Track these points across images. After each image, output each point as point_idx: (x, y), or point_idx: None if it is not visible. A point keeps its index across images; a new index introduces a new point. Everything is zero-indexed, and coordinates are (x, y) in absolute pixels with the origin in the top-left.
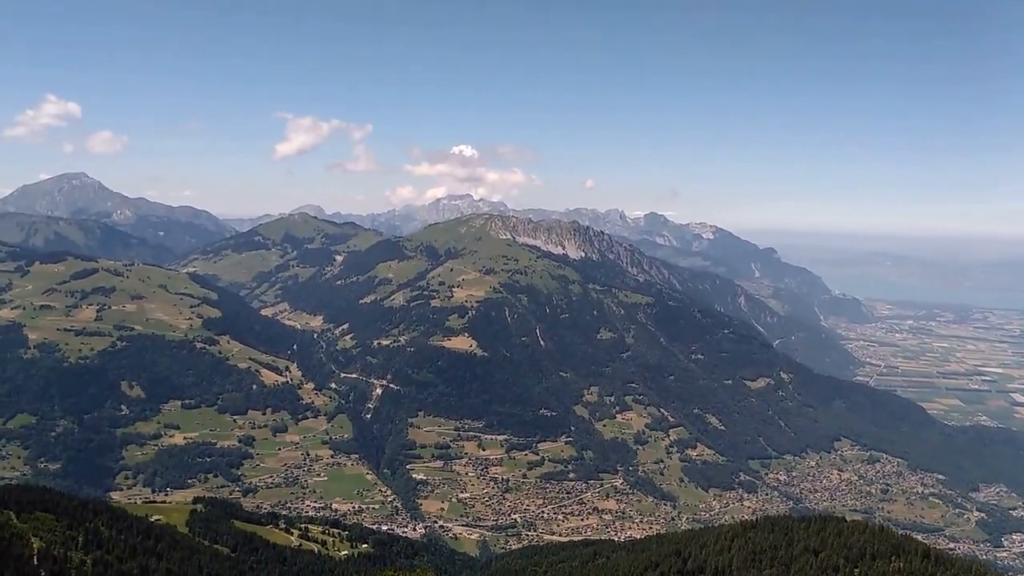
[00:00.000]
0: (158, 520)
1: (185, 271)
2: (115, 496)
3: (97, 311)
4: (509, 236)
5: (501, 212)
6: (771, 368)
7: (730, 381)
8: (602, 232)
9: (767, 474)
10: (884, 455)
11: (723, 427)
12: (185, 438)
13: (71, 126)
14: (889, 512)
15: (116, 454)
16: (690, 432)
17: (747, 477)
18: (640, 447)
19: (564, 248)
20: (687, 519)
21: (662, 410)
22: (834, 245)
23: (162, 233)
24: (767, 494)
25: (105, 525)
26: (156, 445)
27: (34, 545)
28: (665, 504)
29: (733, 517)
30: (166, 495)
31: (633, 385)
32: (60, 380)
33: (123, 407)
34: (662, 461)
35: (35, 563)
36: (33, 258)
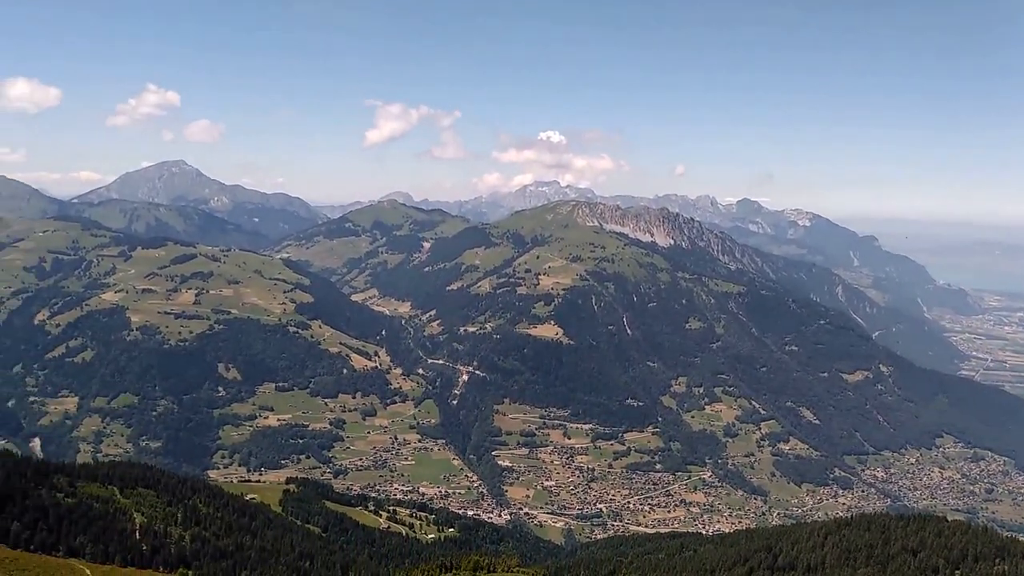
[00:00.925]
0: (253, 499)
1: (279, 257)
2: (212, 475)
3: (195, 295)
4: (596, 223)
5: (588, 199)
6: (870, 361)
7: (826, 374)
8: (692, 219)
9: (863, 470)
10: (989, 453)
11: (817, 421)
12: (279, 420)
13: (170, 115)
14: (994, 513)
15: (213, 434)
16: (783, 425)
17: (842, 473)
18: (730, 440)
19: (653, 235)
20: (778, 514)
21: (753, 402)
22: (939, 233)
23: (257, 219)
24: (863, 491)
25: (203, 502)
26: (251, 426)
27: (136, 520)
28: (755, 498)
29: (827, 514)
30: (260, 475)
31: (723, 376)
32: (161, 362)
33: (220, 389)
34: (753, 454)
35: (137, 537)
36: (135, 243)
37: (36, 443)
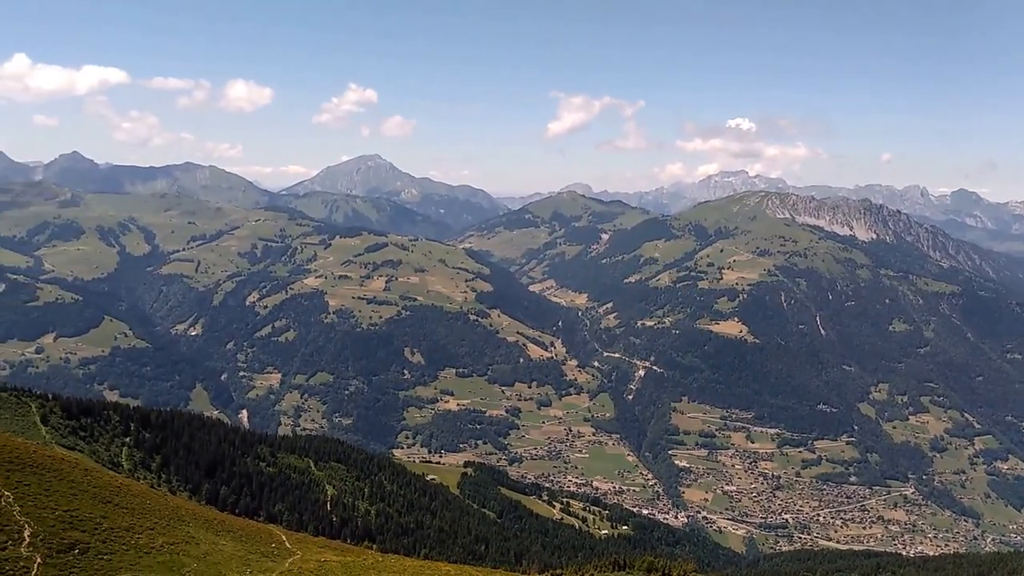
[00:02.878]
0: (433, 480)
1: (462, 247)
2: (396, 453)
3: (386, 282)
4: (787, 215)
5: (779, 189)
6: None
7: None
8: (899, 211)
9: None
10: None
11: None
12: (458, 404)
13: (368, 112)
14: None
15: (398, 415)
16: (1001, 442)
17: None
18: (937, 455)
19: (852, 229)
20: (992, 540)
21: (966, 415)
22: None
23: (443, 211)
24: None
25: (388, 480)
26: (433, 409)
27: (328, 492)
28: (965, 521)
29: None
30: (440, 457)
31: (931, 384)
32: (354, 344)
33: (405, 372)
34: (964, 472)
35: (328, 508)
36: (334, 232)
37: (244, 415)
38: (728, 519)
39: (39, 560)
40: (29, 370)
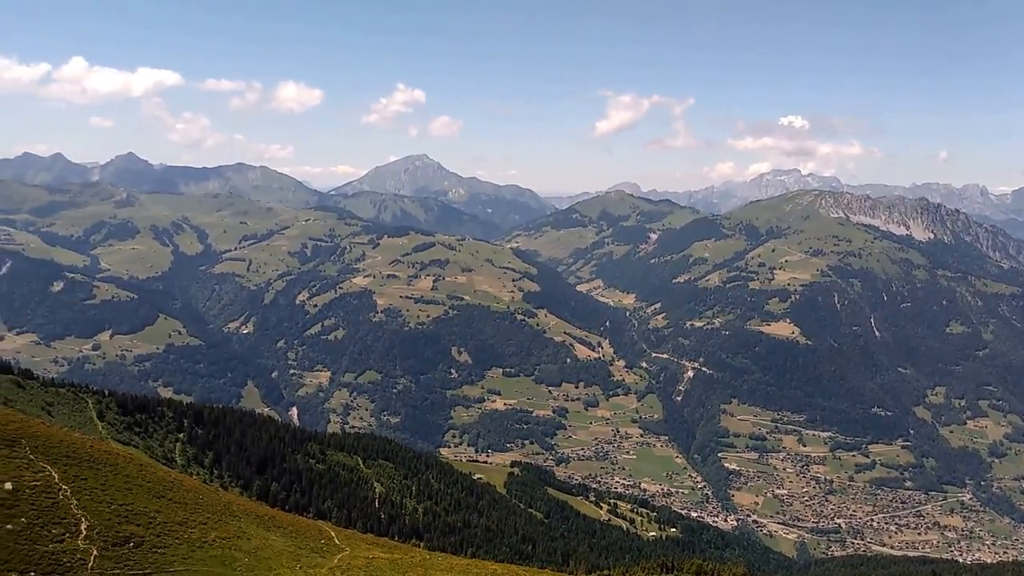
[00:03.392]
0: (479, 479)
1: (509, 246)
2: (443, 452)
3: (433, 281)
4: (841, 214)
5: (833, 188)
6: None
7: None
8: (957, 211)
9: None
10: None
11: None
12: (505, 404)
13: (416, 112)
14: None
15: (446, 413)
16: None
17: None
18: (996, 460)
19: (908, 228)
20: None
21: None
22: None
23: (490, 210)
24: None
25: (435, 478)
26: (480, 408)
27: (376, 489)
28: None
29: None
30: (487, 456)
31: (990, 388)
32: (401, 342)
33: (452, 371)
34: None
35: (376, 506)
36: (382, 232)
37: (294, 412)
38: (779, 523)
39: (95, 552)
40: (86, 367)
